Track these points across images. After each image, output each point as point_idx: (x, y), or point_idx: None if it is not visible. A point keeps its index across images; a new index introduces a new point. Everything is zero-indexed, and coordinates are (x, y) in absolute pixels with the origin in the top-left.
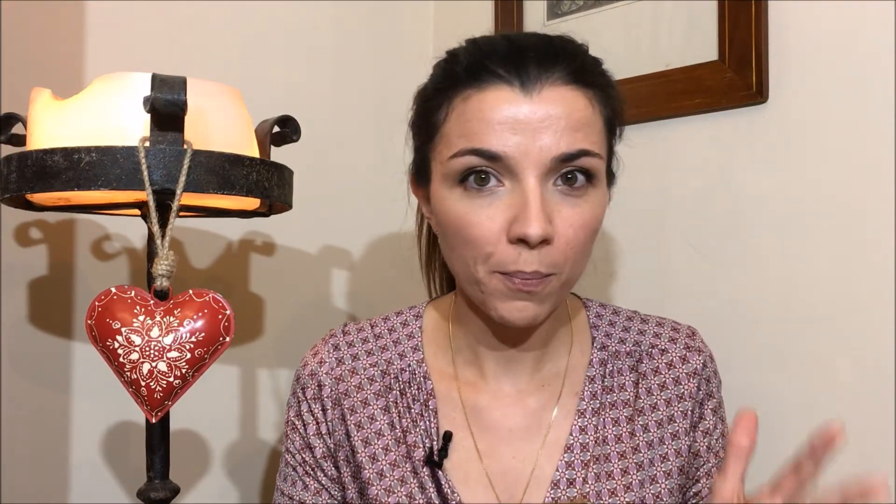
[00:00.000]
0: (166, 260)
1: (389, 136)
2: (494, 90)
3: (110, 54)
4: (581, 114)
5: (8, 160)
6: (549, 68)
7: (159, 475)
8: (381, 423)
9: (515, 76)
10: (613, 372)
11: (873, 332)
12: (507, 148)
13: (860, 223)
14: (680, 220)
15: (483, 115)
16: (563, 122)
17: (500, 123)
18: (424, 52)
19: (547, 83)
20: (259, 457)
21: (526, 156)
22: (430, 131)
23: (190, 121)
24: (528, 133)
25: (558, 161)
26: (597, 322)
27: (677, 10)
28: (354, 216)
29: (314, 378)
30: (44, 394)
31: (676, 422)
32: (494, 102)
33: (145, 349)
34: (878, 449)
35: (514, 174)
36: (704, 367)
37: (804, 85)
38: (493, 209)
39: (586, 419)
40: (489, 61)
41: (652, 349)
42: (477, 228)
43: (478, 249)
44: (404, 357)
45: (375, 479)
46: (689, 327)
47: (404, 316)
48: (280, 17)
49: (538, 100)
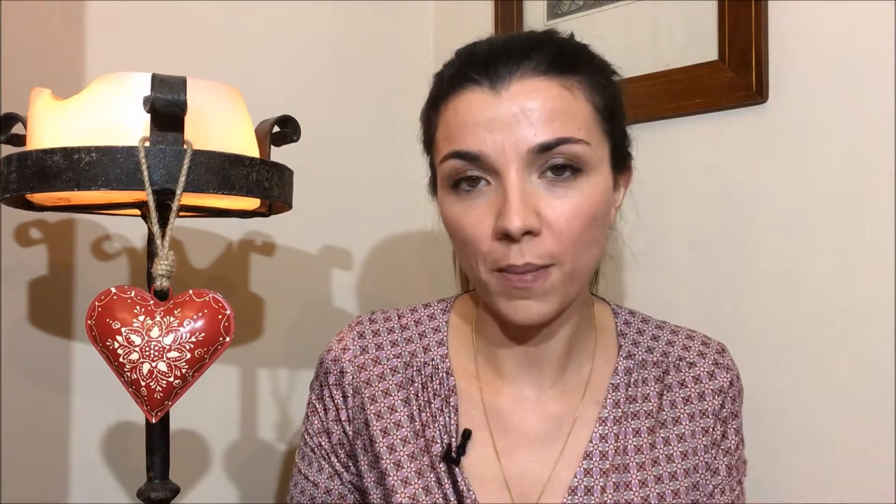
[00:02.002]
0: (166, 260)
1: (389, 136)
2: (468, 93)
3: (110, 54)
4: (555, 102)
5: (8, 160)
6: (517, 62)
7: (159, 475)
8: (401, 415)
9: (486, 77)
10: (638, 381)
11: (873, 332)
12: (485, 147)
13: (860, 223)
14: (680, 220)
15: (459, 117)
16: (537, 114)
17: (475, 124)
18: (424, 52)
19: (515, 78)
20: (259, 457)
21: (503, 152)
22: (429, 143)
23: (190, 121)
24: (504, 130)
25: (535, 152)
26: (625, 330)
27: (677, 10)
28: (354, 216)
29: (337, 364)
30: (44, 394)
31: (697, 437)
32: (469, 104)
33: (145, 349)
34: (878, 449)
35: (495, 172)
36: (731, 386)
37: (804, 85)
38: (481, 209)
39: (607, 427)
40: (466, 68)
41: (680, 361)
42: (469, 229)
43: (475, 249)
44: (428, 351)
45: (392, 470)
46: (719, 343)
47: (432, 309)
48: (280, 17)
49: (507, 96)
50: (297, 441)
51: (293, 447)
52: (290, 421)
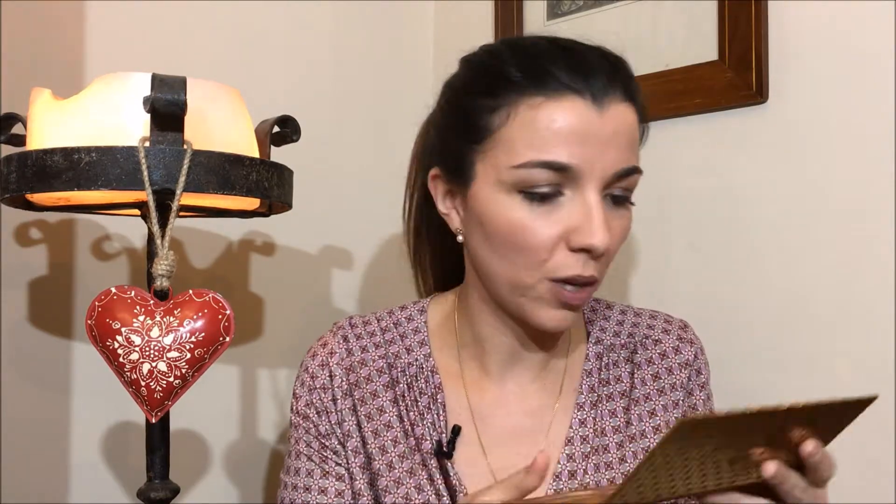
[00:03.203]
0: (166, 260)
1: (389, 136)
2: (568, 101)
3: (110, 54)
4: (634, 131)
5: (8, 160)
6: (612, 82)
7: (159, 475)
8: (391, 415)
9: (586, 88)
10: (609, 364)
11: (873, 332)
12: (576, 160)
13: (860, 223)
14: (680, 220)
15: (555, 125)
16: (624, 139)
17: (572, 134)
18: (424, 52)
19: (612, 98)
20: (259, 457)
21: (591, 169)
22: (477, 133)
23: (190, 121)
24: (596, 147)
25: (617, 176)
26: (591, 317)
27: (677, 10)
28: (354, 216)
29: (325, 368)
30: (44, 394)
31: (668, 411)
32: (568, 113)
33: (145, 349)
34: (878, 449)
35: (576, 184)
36: (696, 359)
37: (804, 85)
38: (552, 218)
39: (585, 412)
40: (555, 69)
41: (646, 339)
42: (534, 236)
43: (532, 256)
44: (411, 352)
45: (385, 471)
46: (680, 320)
47: (409, 311)
48: (280, 17)
49: (606, 114)
50: None
51: None
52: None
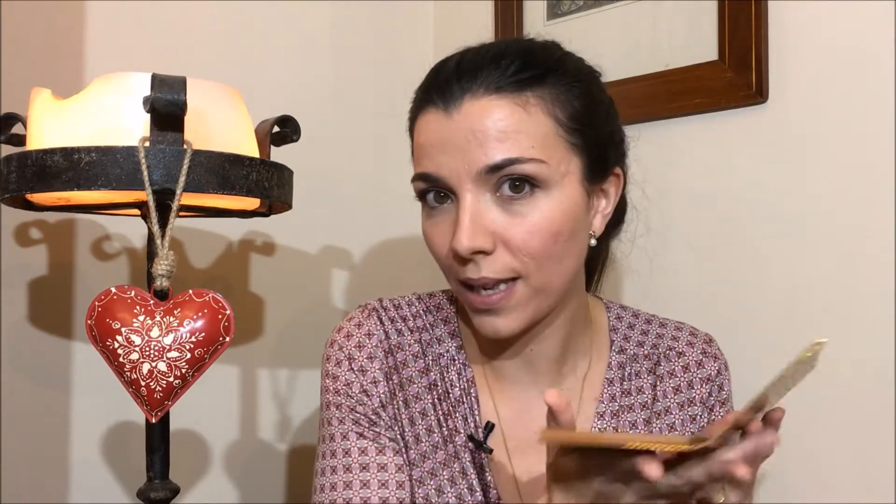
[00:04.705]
0: (166, 260)
1: (389, 136)
2: (426, 114)
3: (110, 54)
4: (506, 122)
5: (8, 160)
6: (469, 81)
7: (159, 475)
8: (426, 403)
9: (440, 97)
10: (632, 375)
11: (873, 332)
12: (440, 168)
13: (860, 223)
14: (680, 220)
15: (419, 140)
16: (484, 135)
17: (431, 146)
18: (424, 52)
19: (467, 98)
20: (259, 457)
21: (457, 173)
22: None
23: (190, 121)
24: (456, 151)
25: (486, 173)
26: (616, 325)
27: (677, 10)
28: (354, 216)
29: (362, 350)
30: (44, 393)
31: (686, 426)
32: (425, 126)
33: (145, 349)
34: (878, 448)
35: (453, 191)
36: (718, 374)
37: (804, 85)
38: (444, 225)
39: (605, 421)
40: (429, 88)
41: (669, 351)
42: (433, 244)
43: (441, 263)
44: (442, 342)
45: (419, 461)
46: (706, 334)
47: (437, 299)
48: (280, 17)
49: (459, 118)
50: (297, 440)
51: (293, 447)
52: (289, 421)
